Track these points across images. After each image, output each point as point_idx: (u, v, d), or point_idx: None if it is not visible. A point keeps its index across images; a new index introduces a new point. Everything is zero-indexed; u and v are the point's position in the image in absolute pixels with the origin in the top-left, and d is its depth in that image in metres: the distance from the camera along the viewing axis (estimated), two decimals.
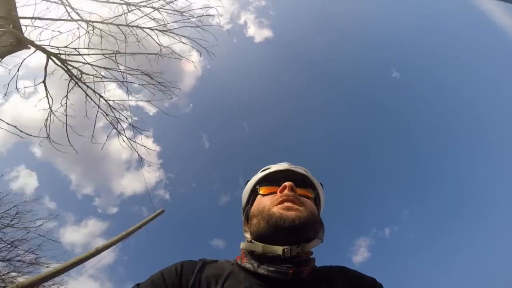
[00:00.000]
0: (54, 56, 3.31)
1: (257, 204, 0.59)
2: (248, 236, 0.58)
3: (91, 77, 3.55)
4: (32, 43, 3.21)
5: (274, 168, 0.64)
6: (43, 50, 3.24)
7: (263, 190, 0.61)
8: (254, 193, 0.64)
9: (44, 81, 3.36)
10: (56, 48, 3.28)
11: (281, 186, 0.57)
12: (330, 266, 0.58)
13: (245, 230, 0.61)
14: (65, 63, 3.39)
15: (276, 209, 0.53)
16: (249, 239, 0.56)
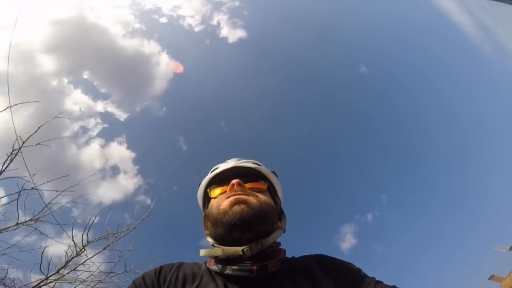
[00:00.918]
0: None
1: (210, 208, 0.59)
2: (210, 240, 0.57)
3: None
4: None
5: (220, 168, 0.63)
6: None
7: (213, 193, 0.61)
8: (207, 197, 0.63)
9: None
10: None
11: (230, 185, 0.57)
12: (308, 256, 0.58)
13: (206, 234, 0.60)
14: None
15: (225, 206, 0.53)
16: (211, 243, 0.57)
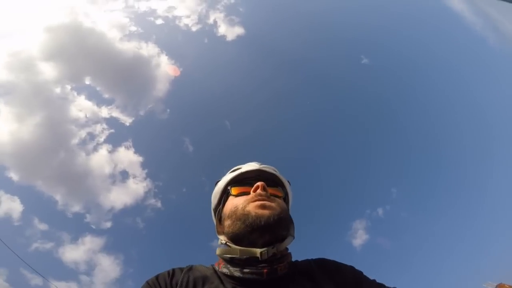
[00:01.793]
0: None
1: (230, 205, 0.59)
2: (223, 238, 0.58)
3: None
4: None
5: (245, 169, 0.65)
6: None
7: (235, 191, 0.62)
8: (226, 194, 0.64)
9: None
10: None
11: (254, 186, 0.58)
12: (310, 260, 0.61)
13: (218, 232, 0.62)
14: None
15: (251, 208, 0.54)
16: (224, 242, 0.57)
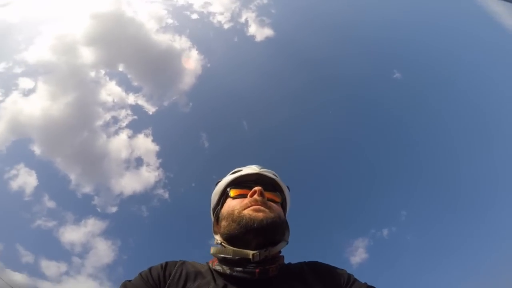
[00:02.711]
0: None
1: (227, 206, 0.62)
2: (218, 238, 0.61)
3: None
4: None
5: (245, 172, 0.66)
6: None
7: (233, 193, 0.64)
8: (225, 195, 0.66)
9: None
10: None
11: (252, 190, 0.60)
12: (302, 262, 0.62)
13: (215, 232, 0.64)
14: None
15: (246, 212, 0.56)
16: (219, 241, 0.60)
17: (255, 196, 0.59)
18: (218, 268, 0.55)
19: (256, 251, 0.53)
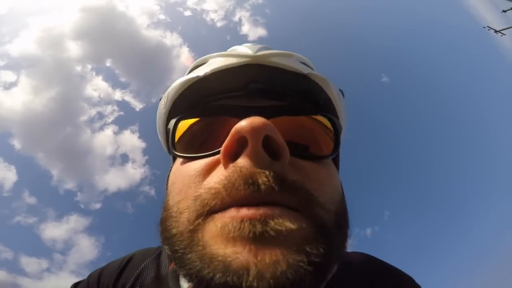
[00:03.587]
0: None
1: (170, 189, 0.24)
2: (167, 248, 0.24)
3: None
4: None
5: (217, 65, 0.25)
6: None
7: (186, 141, 0.25)
8: (171, 143, 0.26)
9: None
10: None
11: (230, 137, 0.20)
12: (361, 275, 0.32)
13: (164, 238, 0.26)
14: None
15: (215, 242, 0.18)
16: (174, 272, 0.30)
17: (245, 162, 0.19)
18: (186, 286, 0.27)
19: None
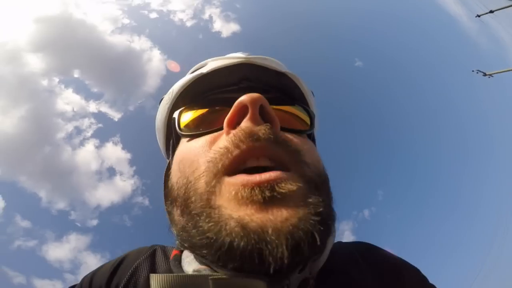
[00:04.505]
0: None
1: (178, 167, 0.27)
2: (179, 241, 0.25)
3: None
4: None
5: (215, 65, 0.30)
6: None
7: (191, 125, 0.29)
8: (175, 134, 0.31)
9: None
10: None
11: (233, 108, 0.25)
12: (353, 249, 0.34)
13: (171, 220, 0.29)
14: None
15: (230, 205, 0.21)
16: (180, 247, 0.28)
17: (247, 123, 0.24)
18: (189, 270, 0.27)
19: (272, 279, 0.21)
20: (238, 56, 0.31)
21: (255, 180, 0.21)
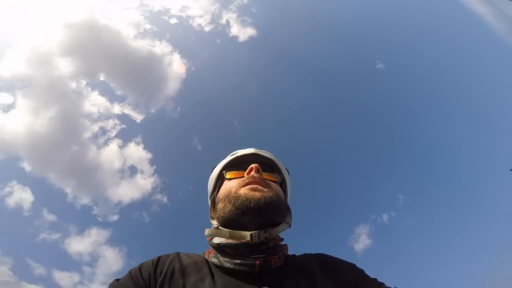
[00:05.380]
0: None
1: (224, 189, 0.58)
2: (215, 223, 0.57)
3: None
4: None
5: (240, 153, 0.65)
6: None
7: (230, 175, 0.61)
8: (221, 179, 0.63)
9: None
10: None
11: (248, 169, 0.57)
12: (309, 254, 0.58)
13: (212, 217, 0.59)
14: None
15: (242, 191, 0.53)
16: (216, 226, 0.56)
17: (252, 173, 0.56)
18: (215, 261, 0.51)
19: (255, 232, 0.49)
20: (251, 150, 0.65)
21: (255, 186, 0.54)
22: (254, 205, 0.50)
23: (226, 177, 0.61)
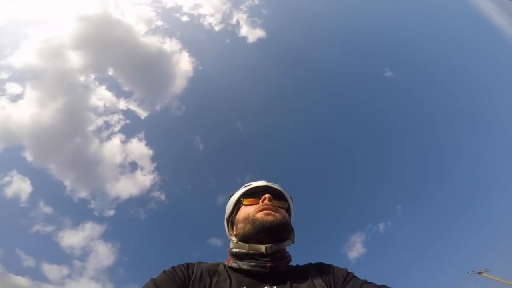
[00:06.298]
0: None
1: (242, 212, 0.75)
2: (234, 239, 0.73)
3: None
4: None
5: (255, 184, 0.82)
6: None
7: (247, 202, 0.77)
8: (239, 204, 0.79)
9: None
10: None
11: (262, 198, 0.74)
12: (309, 264, 0.73)
13: (231, 235, 0.78)
14: None
15: (259, 215, 0.70)
16: (235, 241, 0.71)
17: (266, 201, 0.72)
18: (234, 265, 0.66)
19: (268, 245, 0.65)
20: (264, 182, 0.80)
21: (268, 211, 0.70)
22: (269, 226, 0.67)
23: (244, 203, 0.77)
